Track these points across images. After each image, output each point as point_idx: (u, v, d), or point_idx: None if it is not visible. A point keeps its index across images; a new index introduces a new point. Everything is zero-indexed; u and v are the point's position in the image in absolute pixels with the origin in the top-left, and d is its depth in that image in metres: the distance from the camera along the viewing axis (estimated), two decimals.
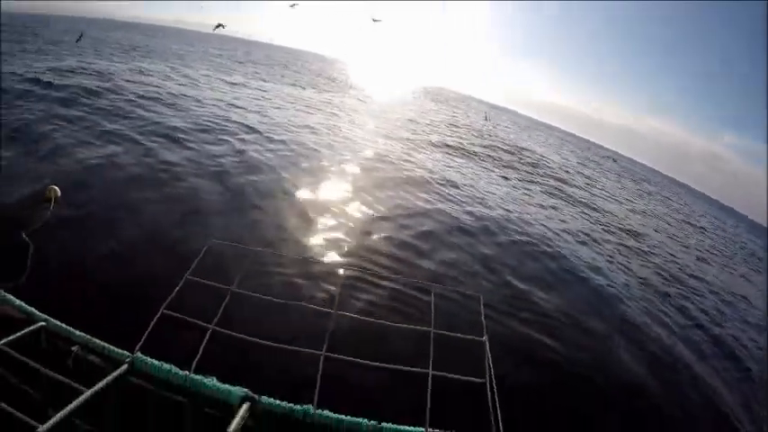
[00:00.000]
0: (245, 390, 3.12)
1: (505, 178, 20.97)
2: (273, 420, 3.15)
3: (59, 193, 7.33)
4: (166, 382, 3.21)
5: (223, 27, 28.43)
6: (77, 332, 3.49)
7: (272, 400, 3.15)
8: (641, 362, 6.90)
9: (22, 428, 2.68)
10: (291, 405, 3.14)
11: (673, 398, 6.29)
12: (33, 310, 3.72)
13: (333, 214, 9.86)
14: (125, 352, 3.32)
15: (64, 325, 3.55)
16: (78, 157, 9.91)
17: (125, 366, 3.22)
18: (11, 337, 3.40)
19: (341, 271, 4.04)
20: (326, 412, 3.16)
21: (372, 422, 3.21)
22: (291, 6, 29.69)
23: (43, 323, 3.58)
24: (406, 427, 3.25)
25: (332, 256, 7.63)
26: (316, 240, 8.27)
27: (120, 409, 3.35)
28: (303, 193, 10.99)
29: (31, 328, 3.53)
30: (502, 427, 3.32)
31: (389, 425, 3.23)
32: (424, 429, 3.24)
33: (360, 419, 3.20)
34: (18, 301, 3.82)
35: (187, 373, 3.16)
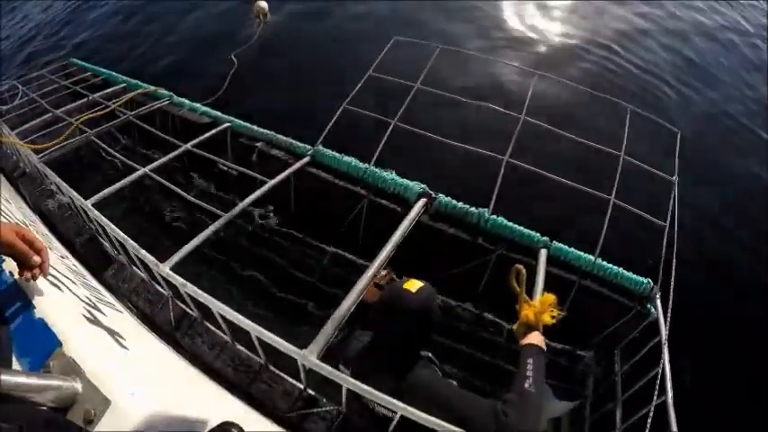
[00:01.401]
0: (423, 186, 3.13)
1: None
2: (448, 219, 3.15)
3: (267, 9, 7.64)
4: (346, 175, 3.32)
5: None
6: (261, 129, 3.72)
7: (448, 199, 3.13)
8: None
9: (211, 216, 2.90)
10: (467, 207, 3.10)
11: None
12: (219, 113, 4.02)
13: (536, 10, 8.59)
14: (307, 146, 3.47)
15: (248, 124, 3.79)
16: None
17: (307, 158, 3.38)
18: (200, 138, 3.70)
19: (533, 72, 3.72)
20: (501, 219, 3.07)
21: (544, 238, 3.08)
22: None
23: (228, 124, 3.85)
24: (575, 251, 3.09)
25: (523, 56, 6.98)
26: (506, 38, 7.56)
27: (302, 199, 3.58)
28: None
29: (219, 128, 3.83)
30: (674, 279, 3.01)
31: (559, 244, 3.09)
32: (593, 258, 3.06)
33: (532, 232, 3.09)
34: (203, 108, 4.14)
35: (367, 165, 3.23)
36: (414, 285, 1.80)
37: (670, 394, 2.41)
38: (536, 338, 1.86)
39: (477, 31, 7.66)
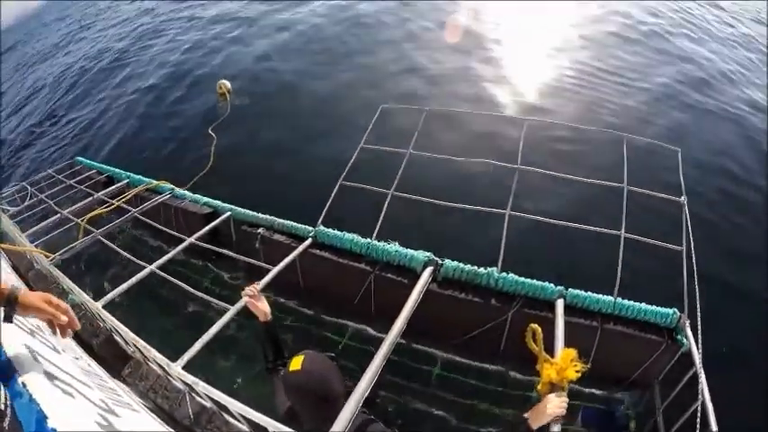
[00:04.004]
0: (428, 254, 3.09)
1: None
2: (457, 284, 3.10)
3: (230, 86, 8.11)
4: (349, 252, 3.31)
5: None
6: (261, 215, 3.75)
7: (455, 263, 3.09)
8: None
9: (217, 310, 2.88)
10: (475, 268, 3.05)
11: None
12: (219, 202, 4.08)
13: (510, 60, 8.87)
14: (308, 227, 3.48)
15: (249, 211, 3.83)
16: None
17: (309, 240, 3.39)
18: (204, 230, 3.75)
19: (523, 122, 3.65)
20: (511, 275, 3.02)
21: (559, 287, 3.00)
22: None
23: (229, 213, 3.90)
24: (593, 294, 3.00)
25: (512, 108, 7.10)
26: (493, 93, 7.65)
27: (310, 279, 3.57)
28: (476, 45, 9.54)
29: (221, 218, 3.88)
30: (699, 302, 2.90)
31: (576, 291, 3.00)
32: (612, 298, 2.97)
33: (546, 284, 3.01)
34: (204, 198, 4.21)
35: (369, 240, 3.22)
36: (296, 364, 1.81)
37: (714, 428, 2.27)
38: (547, 408, 1.80)
39: (460, 88, 7.85)
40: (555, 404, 1.80)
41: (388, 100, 5.08)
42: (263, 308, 2.31)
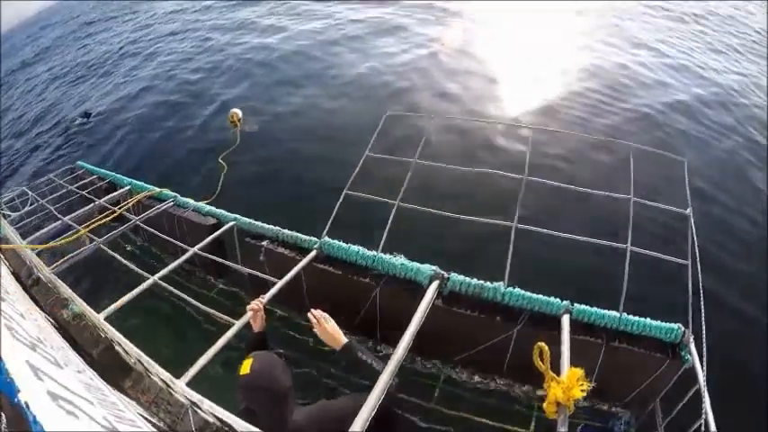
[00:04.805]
0: (434, 267, 3.07)
1: None
2: (463, 298, 3.08)
3: (241, 115, 8.09)
4: (354, 265, 3.29)
5: None
6: (266, 225, 3.72)
7: (461, 277, 3.06)
8: None
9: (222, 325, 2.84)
10: (482, 283, 3.03)
11: None
12: (223, 211, 4.05)
13: (514, 72, 8.95)
14: (313, 238, 3.45)
15: (253, 221, 3.81)
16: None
17: (313, 253, 3.36)
18: (207, 240, 3.72)
19: (528, 132, 3.60)
20: (518, 290, 3.00)
21: (565, 302, 2.98)
22: None
23: (234, 222, 3.87)
24: (599, 310, 2.98)
25: (517, 116, 7.01)
26: (498, 101, 7.67)
27: (315, 291, 3.54)
28: (477, 52, 9.90)
29: (224, 228, 3.85)
30: (704, 317, 2.87)
31: (582, 306, 2.98)
32: (617, 314, 2.95)
33: (552, 299, 2.99)
34: (208, 207, 4.18)
35: (375, 253, 3.20)
36: (245, 368, 1.95)
37: None
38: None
39: (465, 94, 7.88)
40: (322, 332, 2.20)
41: (396, 107, 5.08)
42: (261, 321, 2.53)
